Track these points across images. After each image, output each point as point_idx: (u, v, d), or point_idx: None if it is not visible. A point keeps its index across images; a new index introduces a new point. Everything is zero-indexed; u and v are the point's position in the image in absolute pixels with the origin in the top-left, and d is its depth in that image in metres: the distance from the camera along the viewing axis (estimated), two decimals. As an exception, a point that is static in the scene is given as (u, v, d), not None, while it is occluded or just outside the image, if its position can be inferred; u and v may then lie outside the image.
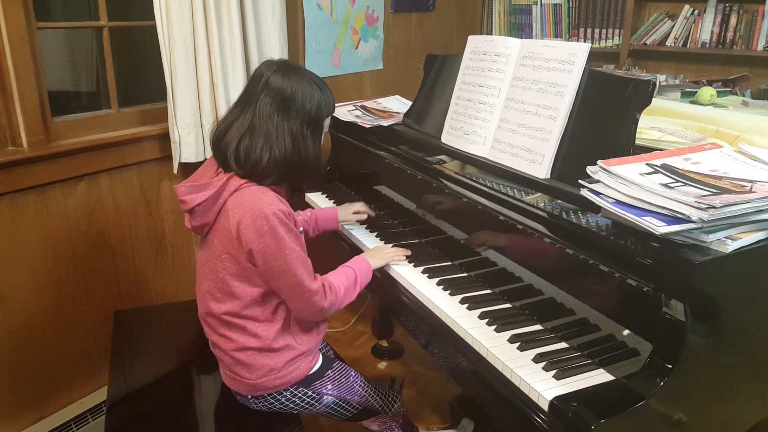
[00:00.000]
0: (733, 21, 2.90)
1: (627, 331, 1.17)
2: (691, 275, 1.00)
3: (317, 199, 2.20)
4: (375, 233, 1.87)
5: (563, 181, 1.40)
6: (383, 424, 1.63)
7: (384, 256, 1.65)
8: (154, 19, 1.94)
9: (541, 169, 1.45)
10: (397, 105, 2.36)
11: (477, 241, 1.58)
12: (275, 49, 2.28)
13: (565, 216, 1.26)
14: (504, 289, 1.47)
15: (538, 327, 1.33)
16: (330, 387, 1.48)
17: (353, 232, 1.89)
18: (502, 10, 3.64)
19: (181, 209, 1.39)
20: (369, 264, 1.57)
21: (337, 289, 1.42)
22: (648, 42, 3.18)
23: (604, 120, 1.38)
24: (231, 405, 1.48)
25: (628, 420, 1.01)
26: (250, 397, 1.44)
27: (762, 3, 2.79)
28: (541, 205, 1.33)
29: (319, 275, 1.42)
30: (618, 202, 1.11)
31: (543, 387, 1.11)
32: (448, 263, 1.65)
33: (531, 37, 3.56)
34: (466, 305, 1.42)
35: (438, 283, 1.53)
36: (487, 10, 3.69)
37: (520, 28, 3.61)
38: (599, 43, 3.31)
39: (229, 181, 1.34)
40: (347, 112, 2.20)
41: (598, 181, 1.17)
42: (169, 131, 2.06)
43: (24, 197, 1.77)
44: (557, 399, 1.07)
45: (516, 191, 1.44)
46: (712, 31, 2.97)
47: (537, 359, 1.19)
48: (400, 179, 1.91)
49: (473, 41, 1.76)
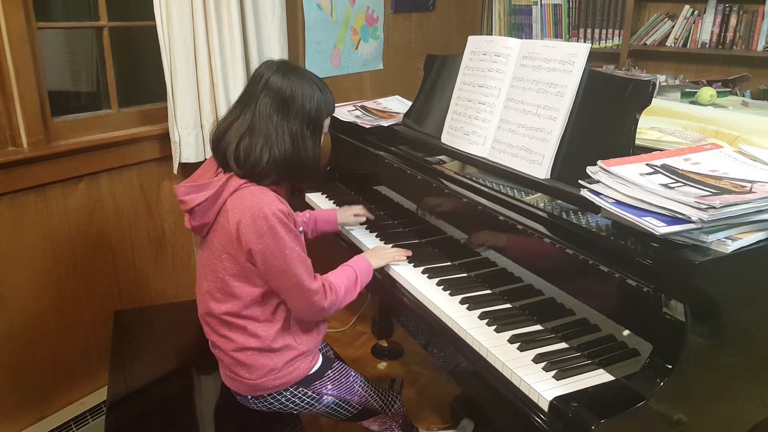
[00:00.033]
0: (733, 21, 2.91)
1: (627, 332, 1.17)
2: (691, 275, 1.00)
3: (317, 199, 2.20)
4: (375, 233, 1.87)
5: (563, 181, 1.40)
6: (383, 424, 1.63)
7: (385, 255, 1.65)
8: (154, 19, 1.94)
9: (541, 169, 1.45)
10: (397, 105, 2.36)
11: (477, 241, 1.58)
12: (275, 49, 2.28)
13: (565, 216, 1.26)
14: (504, 289, 1.47)
15: (538, 327, 1.33)
16: (330, 387, 1.48)
17: (353, 233, 1.89)
18: (502, 10, 3.64)
19: (180, 209, 1.39)
20: (370, 263, 1.57)
21: (338, 289, 1.42)
22: (648, 42, 3.18)
23: (604, 120, 1.38)
24: (231, 405, 1.48)
25: (628, 420, 1.01)
26: (249, 397, 1.44)
27: (762, 3, 2.79)
28: (541, 205, 1.33)
29: (319, 275, 1.42)
30: (618, 203, 1.11)
31: (543, 387, 1.11)
32: (448, 263, 1.65)
33: (531, 37, 3.56)
34: (466, 305, 1.42)
35: (438, 284, 1.53)
36: (487, 10, 3.69)
37: (520, 29, 3.61)
38: (599, 44, 3.31)
39: (228, 181, 1.34)
40: (347, 113, 2.20)
41: (598, 181, 1.17)
42: (169, 131, 2.06)
43: (24, 197, 1.77)
44: (557, 399, 1.07)
45: (516, 191, 1.44)
46: (712, 32, 2.97)
47: (537, 359, 1.19)
48: (400, 179, 1.91)
49: (473, 41, 1.76)
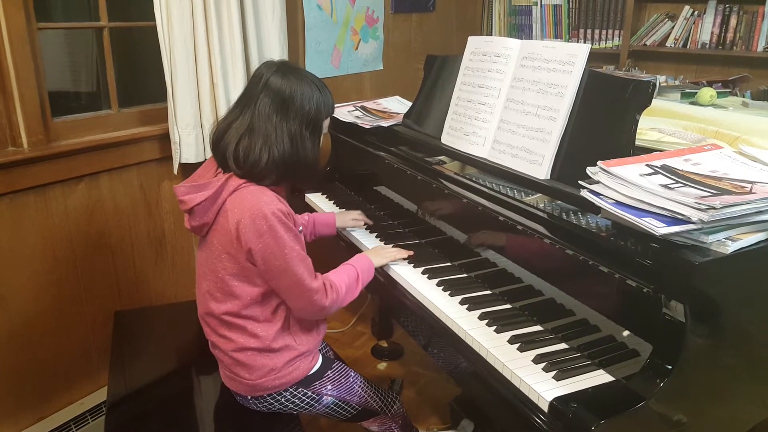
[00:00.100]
0: (733, 22, 2.91)
1: (627, 332, 1.17)
2: (691, 276, 1.00)
3: (317, 199, 2.20)
4: (375, 234, 1.87)
5: (563, 181, 1.40)
6: (383, 424, 1.63)
7: (386, 254, 1.65)
8: (154, 19, 1.94)
9: (541, 169, 1.45)
10: (397, 106, 2.36)
11: (477, 241, 1.58)
12: (275, 50, 2.28)
13: (565, 217, 1.26)
14: (504, 289, 1.47)
15: (538, 328, 1.33)
16: (329, 387, 1.48)
17: (353, 233, 1.89)
18: (502, 10, 3.64)
19: (180, 209, 1.39)
20: (371, 262, 1.57)
21: (339, 288, 1.42)
22: (648, 43, 3.18)
23: (604, 121, 1.38)
24: (231, 405, 1.48)
25: (628, 421, 1.01)
26: (249, 397, 1.44)
27: (762, 4, 2.80)
28: (541, 205, 1.33)
29: (319, 274, 1.42)
30: (618, 203, 1.11)
31: (543, 388, 1.11)
32: (448, 264, 1.65)
33: (531, 37, 3.56)
34: (466, 306, 1.42)
35: (438, 284, 1.53)
36: (487, 10, 3.69)
37: (520, 29, 3.61)
38: (599, 44, 3.31)
39: (228, 181, 1.34)
40: (347, 113, 2.20)
41: (598, 181, 1.17)
42: (169, 132, 2.06)
43: (24, 197, 1.77)
44: (557, 400, 1.07)
45: (516, 192, 1.44)
46: (712, 32, 2.97)
47: (537, 360, 1.19)
48: (400, 180, 1.91)
49: (473, 42, 1.76)
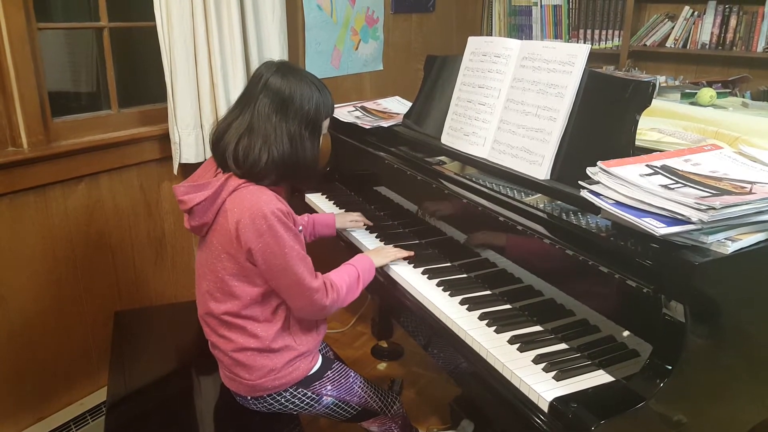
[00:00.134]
0: (732, 22, 2.91)
1: (627, 332, 1.17)
2: (690, 276, 1.00)
3: (317, 200, 2.20)
4: (375, 234, 1.87)
5: (563, 182, 1.40)
6: (383, 425, 1.63)
7: (387, 254, 1.65)
8: (154, 19, 1.94)
9: (540, 170, 1.45)
10: (397, 106, 2.36)
11: (477, 242, 1.58)
12: (275, 50, 2.28)
13: (564, 217, 1.26)
14: (504, 290, 1.47)
15: (538, 328, 1.33)
16: (329, 388, 1.48)
17: (353, 233, 1.89)
18: (502, 11, 3.64)
19: (180, 209, 1.39)
20: (372, 262, 1.57)
21: (339, 287, 1.42)
22: (648, 43, 3.18)
23: (604, 121, 1.38)
24: (230, 406, 1.48)
25: (628, 421, 1.01)
26: (249, 397, 1.44)
27: (762, 4, 2.80)
28: (541, 206, 1.34)
29: (320, 273, 1.42)
30: (618, 203, 1.11)
31: (543, 388, 1.11)
32: (448, 264, 1.65)
33: (531, 38, 3.56)
34: (466, 306, 1.42)
35: (438, 284, 1.53)
36: (487, 11, 3.69)
37: (520, 29, 3.61)
38: (599, 45, 3.31)
39: (227, 181, 1.34)
40: (347, 113, 2.20)
41: (598, 182, 1.17)
42: (169, 132, 2.06)
43: (24, 197, 1.77)
44: (557, 400, 1.07)
45: (516, 192, 1.44)
46: (711, 33, 2.97)
47: (537, 360, 1.19)
48: (400, 180, 1.91)
49: (473, 42, 1.76)
